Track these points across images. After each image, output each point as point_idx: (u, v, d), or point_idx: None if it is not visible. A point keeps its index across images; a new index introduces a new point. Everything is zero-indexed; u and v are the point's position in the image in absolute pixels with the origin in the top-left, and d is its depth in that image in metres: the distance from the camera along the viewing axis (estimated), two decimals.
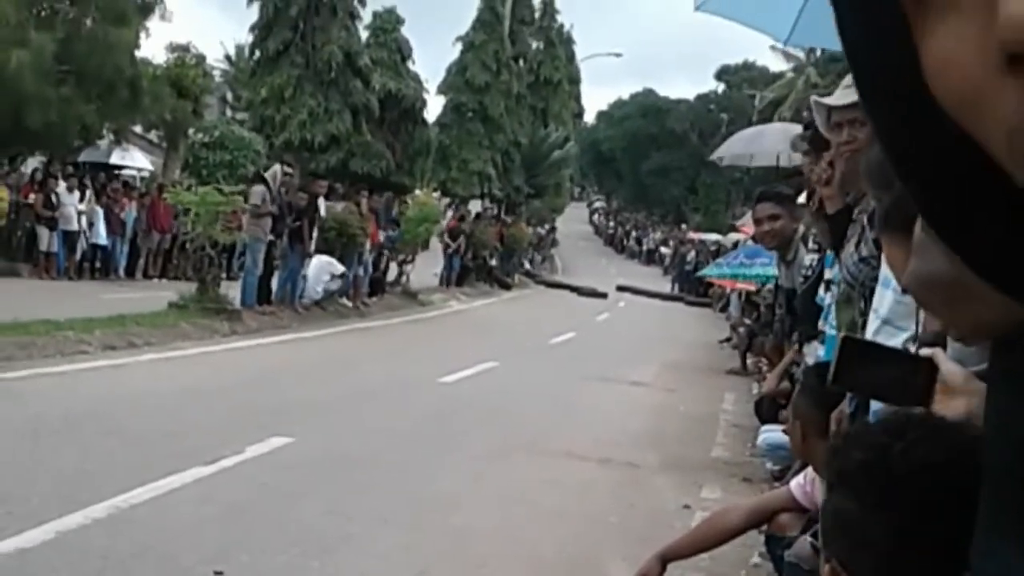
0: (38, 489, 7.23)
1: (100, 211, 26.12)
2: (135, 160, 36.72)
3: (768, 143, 16.05)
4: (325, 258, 21.42)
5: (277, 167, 20.33)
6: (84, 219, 25.45)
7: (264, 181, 19.48)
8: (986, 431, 1.45)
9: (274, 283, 20.26)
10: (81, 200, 25.60)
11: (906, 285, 2.26)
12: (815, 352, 6.41)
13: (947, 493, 1.69)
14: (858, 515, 1.74)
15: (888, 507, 1.70)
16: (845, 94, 4.46)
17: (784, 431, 8.19)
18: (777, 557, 4.97)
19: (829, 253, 5.85)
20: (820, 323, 6.11)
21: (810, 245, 6.76)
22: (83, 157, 32.73)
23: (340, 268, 21.86)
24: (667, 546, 4.31)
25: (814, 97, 4.94)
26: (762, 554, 6.65)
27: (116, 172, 33.18)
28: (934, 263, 1.61)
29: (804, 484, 4.59)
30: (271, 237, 19.49)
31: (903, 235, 2.09)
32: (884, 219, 2.24)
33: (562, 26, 74.74)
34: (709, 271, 27.40)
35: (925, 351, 2.20)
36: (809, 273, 6.62)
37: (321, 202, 21.51)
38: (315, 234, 20.91)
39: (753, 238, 16.85)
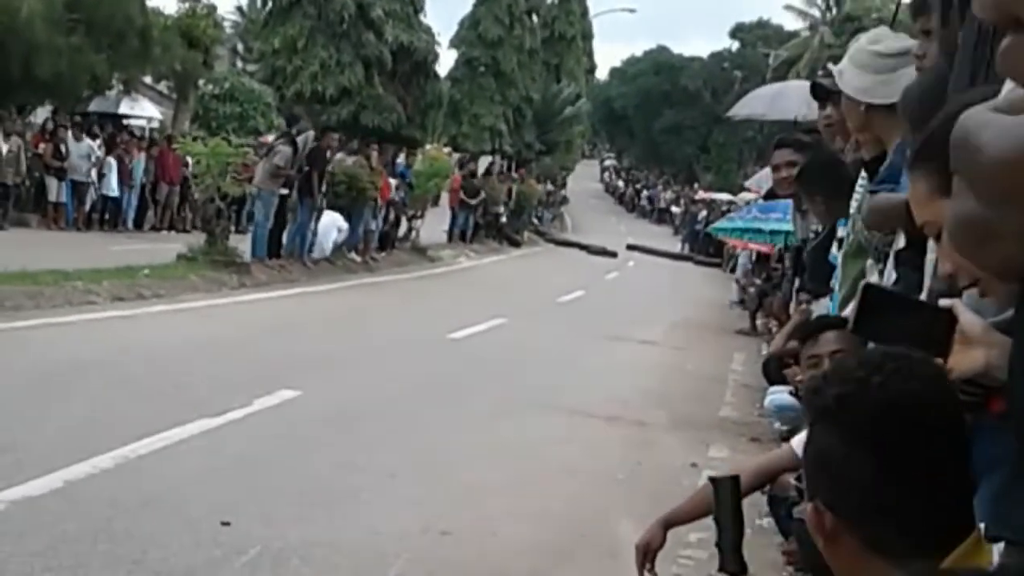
0: (46, 438, 7.24)
1: (113, 162, 26.01)
2: (144, 110, 36.60)
3: (787, 104, 15.86)
4: (332, 214, 21.38)
5: (311, 133, 20.15)
6: (94, 170, 25.37)
7: (294, 145, 19.32)
8: (1011, 379, 1.42)
9: (283, 237, 20.17)
10: (90, 150, 25.50)
11: (925, 222, 2.24)
12: (825, 309, 6.37)
13: (927, 425, 1.67)
14: (840, 451, 1.71)
15: (869, 440, 1.68)
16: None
17: (791, 392, 8.16)
18: (780, 517, 4.95)
19: None
20: (832, 281, 6.06)
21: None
22: (92, 107, 32.60)
23: (344, 224, 21.82)
24: (670, 511, 4.28)
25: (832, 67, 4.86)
26: (767, 514, 6.64)
27: (124, 123, 33.03)
28: (968, 203, 1.59)
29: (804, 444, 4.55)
30: (284, 191, 19.41)
31: (931, 171, 2.07)
32: (916, 154, 2.21)
33: None
34: (720, 226, 27.23)
35: (944, 302, 2.17)
36: (819, 229, 6.56)
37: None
38: (324, 188, 20.81)
39: (767, 195, 16.77)
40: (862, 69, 4.40)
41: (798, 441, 4.60)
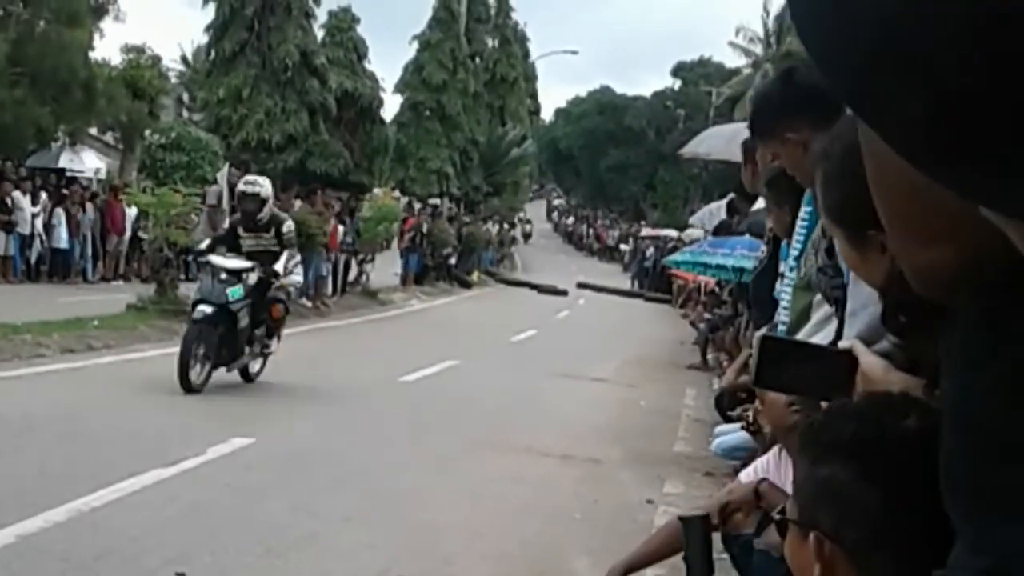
0: None
1: (62, 214, 25.86)
2: (86, 163, 36.45)
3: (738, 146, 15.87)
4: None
5: (226, 168, 20.05)
6: (39, 222, 25.21)
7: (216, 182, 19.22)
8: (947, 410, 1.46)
9: None
10: (34, 203, 25.35)
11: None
12: None
13: (934, 461, 1.72)
14: (849, 483, 1.75)
15: (881, 473, 1.73)
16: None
17: (743, 427, 8.20)
18: (734, 554, 4.98)
19: (784, 245, 5.85)
20: (778, 315, 6.11)
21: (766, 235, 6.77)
22: (32, 161, 32.44)
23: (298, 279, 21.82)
24: (626, 558, 4.28)
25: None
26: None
27: (69, 176, 32.86)
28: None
29: (754, 479, 4.60)
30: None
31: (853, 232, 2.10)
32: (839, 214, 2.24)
33: (517, 24, 74.82)
34: (674, 259, 27.50)
35: (843, 343, 2.21)
36: (757, 263, 6.64)
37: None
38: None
39: (716, 231, 16.90)
40: None
41: (746, 477, 4.65)
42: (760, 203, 7.28)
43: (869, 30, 0.73)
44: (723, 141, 17.56)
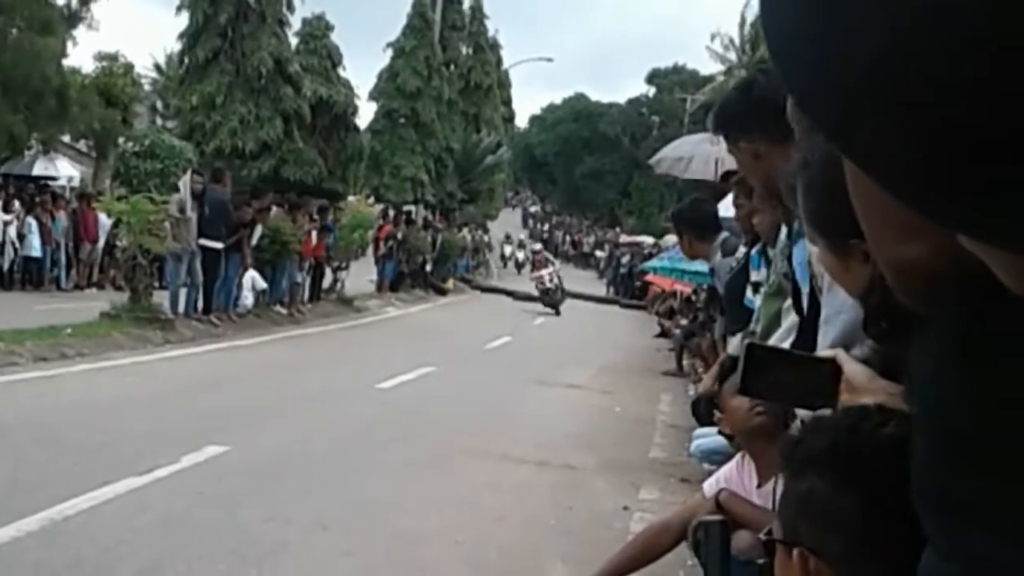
0: None
1: (34, 223, 25.75)
2: (61, 170, 36.30)
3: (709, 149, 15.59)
4: (251, 271, 21.29)
5: (188, 175, 19.88)
6: (12, 230, 25.09)
7: (197, 195, 19.06)
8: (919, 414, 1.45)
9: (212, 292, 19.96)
10: (8, 211, 25.24)
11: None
12: (738, 346, 6.41)
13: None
14: (828, 494, 1.76)
15: (858, 481, 1.73)
16: None
17: (720, 431, 8.22)
18: (703, 563, 4.99)
19: (754, 253, 5.85)
20: (752, 324, 6.12)
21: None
22: (6, 169, 32.32)
23: (262, 283, 21.67)
24: (600, 568, 4.29)
25: None
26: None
27: (43, 183, 32.74)
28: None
29: (716, 487, 4.62)
30: (215, 244, 19.20)
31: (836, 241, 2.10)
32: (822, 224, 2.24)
33: (489, 31, 74.81)
34: (651, 265, 27.62)
35: (827, 352, 2.22)
36: (734, 264, 6.65)
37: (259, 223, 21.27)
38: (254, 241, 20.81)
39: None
40: None
41: (709, 487, 4.67)
42: (726, 204, 7.26)
43: (857, 60, 0.68)
44: (691, 146, 17.29)
